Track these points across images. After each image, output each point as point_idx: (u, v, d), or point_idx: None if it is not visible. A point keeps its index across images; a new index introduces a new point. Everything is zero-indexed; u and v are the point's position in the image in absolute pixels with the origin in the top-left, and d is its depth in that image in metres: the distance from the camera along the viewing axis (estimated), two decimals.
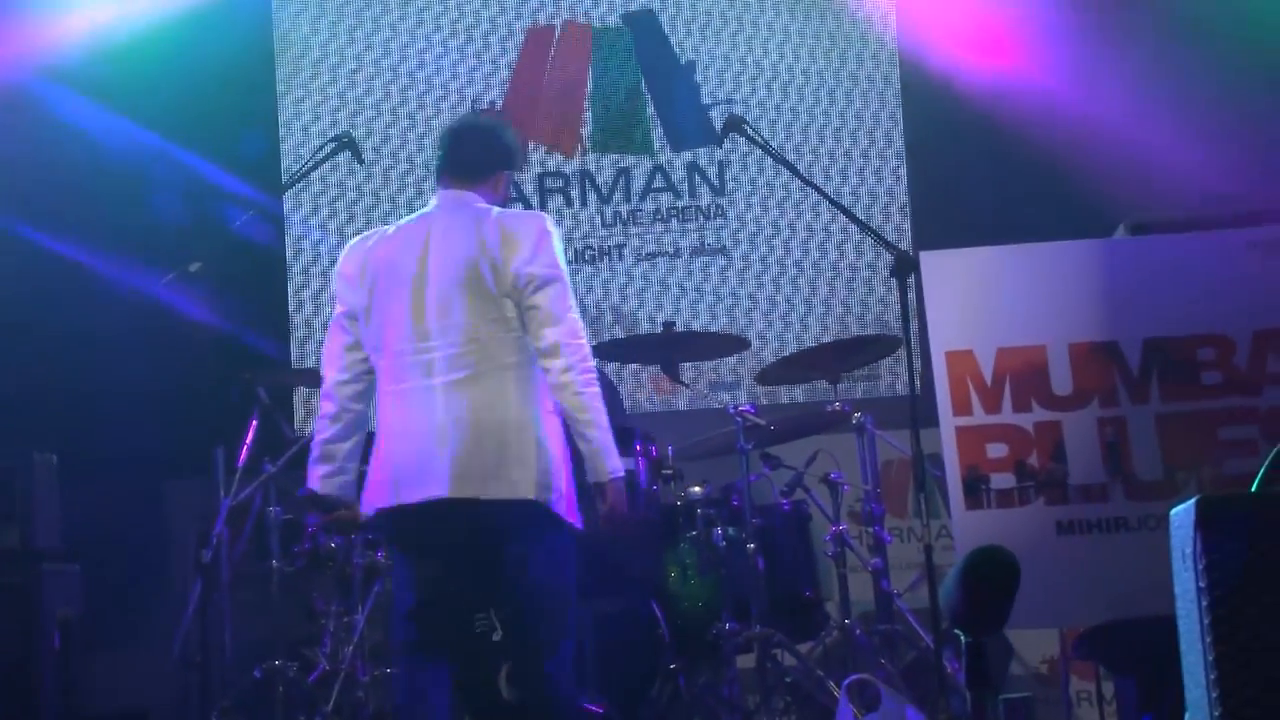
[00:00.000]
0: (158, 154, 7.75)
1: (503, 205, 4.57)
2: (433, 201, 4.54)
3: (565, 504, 4.31)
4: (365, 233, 4.66)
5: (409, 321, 4.32)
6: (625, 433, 6.19)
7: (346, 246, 4.62)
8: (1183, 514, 2.73)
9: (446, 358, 4.28)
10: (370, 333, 4.41)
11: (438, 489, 4.19)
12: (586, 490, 4.50)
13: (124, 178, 7.78)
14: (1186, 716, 2.93)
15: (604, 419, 4.36)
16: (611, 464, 4.36)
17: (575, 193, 8.42)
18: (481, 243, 4.31)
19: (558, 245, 4.38)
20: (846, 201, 5.46)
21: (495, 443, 4.22)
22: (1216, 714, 2.64)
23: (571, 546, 4.39)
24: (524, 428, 4.26)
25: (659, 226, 8.37)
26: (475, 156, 4.56)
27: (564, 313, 4.31)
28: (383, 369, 4.39)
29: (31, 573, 6.17)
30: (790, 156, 5.48)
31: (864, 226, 5.42)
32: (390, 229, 4.53)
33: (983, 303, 5.25)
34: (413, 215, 4.59)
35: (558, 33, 8.40)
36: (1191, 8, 7.49)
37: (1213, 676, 2.71)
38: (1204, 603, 2.79)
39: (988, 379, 5.17)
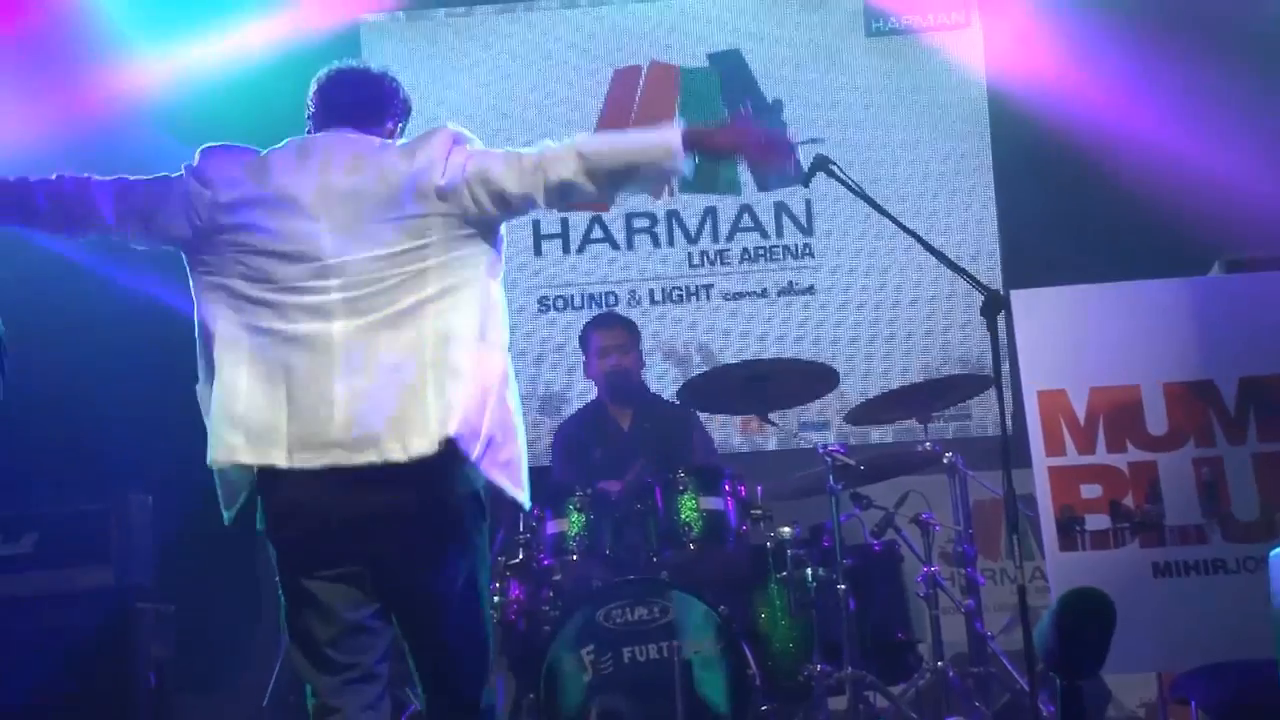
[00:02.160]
0: None
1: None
2: None
3: None
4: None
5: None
6: (715, 473, 6.21)
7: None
8: None
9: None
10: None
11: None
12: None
13: None
14: None
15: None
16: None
17: (662, 232, 8.45)
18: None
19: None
20: (935, 240, 5.45)
21: None
22: None
23: None
24: None
25: (746, 266, 8.38)
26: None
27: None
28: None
29: (125, 612, 6.20)
30: (877, 195, 5.44)
31: (953, 265, 5.39)
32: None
33: (1075, 341, 5.23)
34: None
35: (644, 73, 8.44)
36: None
37: None
38: None
39: (1081, 419, 5.16)
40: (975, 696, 5.92)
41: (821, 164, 5.46)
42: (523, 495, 3.82)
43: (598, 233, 8.42)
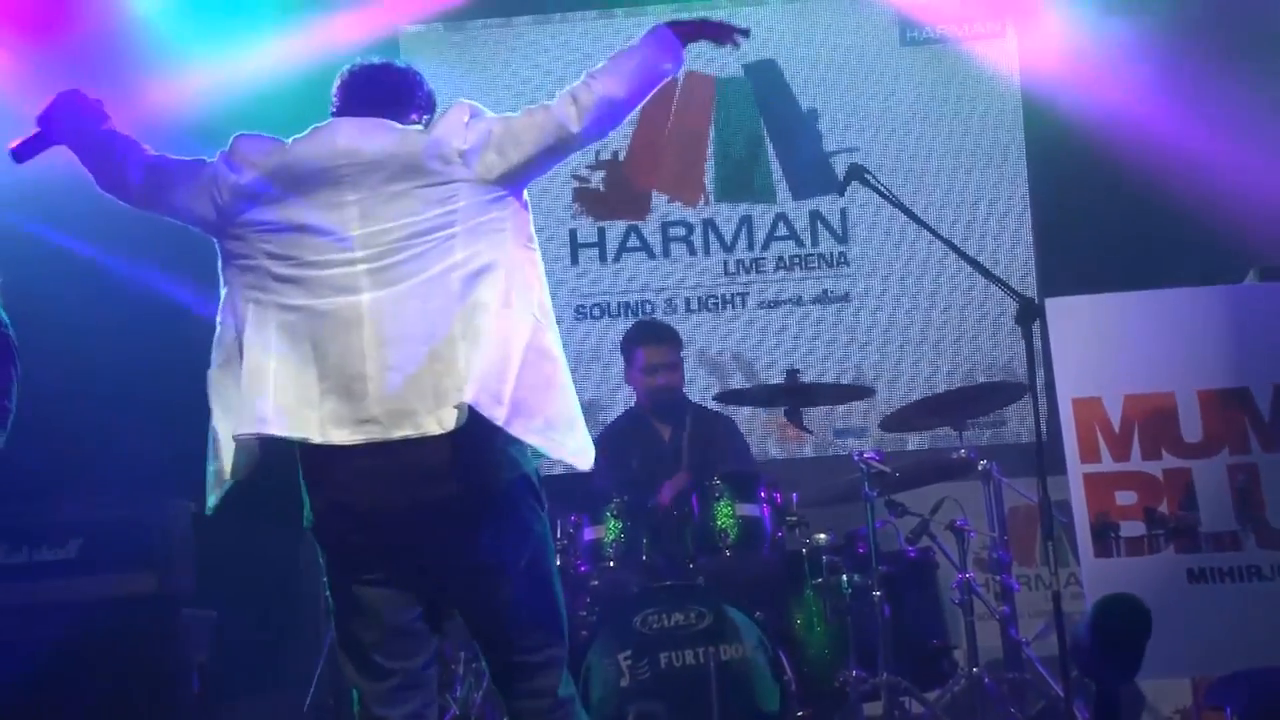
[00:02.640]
0: None
1: None
2: None
3: None
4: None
5: None
6: (751, 479, 6.23)
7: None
8: None
9: None
10: None
11: None
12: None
13: None
14: None
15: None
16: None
17: (698, 241, 8.47)
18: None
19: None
20: (970, 248, 5.46)
21: None
22: None
23: None
24: None
25: (781, 274, 8.39)
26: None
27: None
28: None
29: (168, 618, 6.23)
30: (912, 204, 5.47)
31: (988, 274, 5.40)
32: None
33: (1110, 349, 5.23)
34: None
35: (680, 83, 8.45)
36: None
37: None
38: None
39: (1115, 426, 5.15)
40: (1010, 703, 5.92)
41: (856, 173, 5.48)
42: (571, 456, 3.71)
43: (634, 241, 8.45)
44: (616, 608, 5.84)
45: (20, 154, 4.01)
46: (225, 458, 3.67)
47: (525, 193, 3.84)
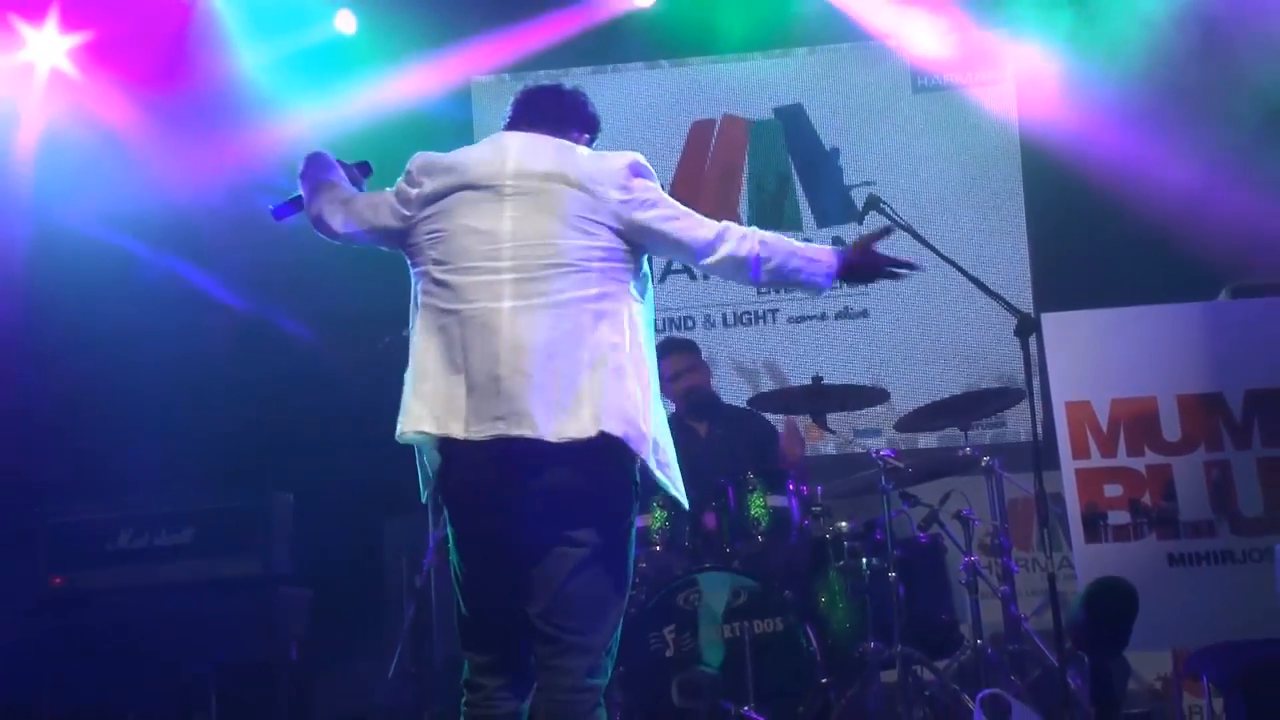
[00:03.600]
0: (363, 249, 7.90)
1: None
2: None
3: None
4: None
5: None
6: (780, 474, 6.23)
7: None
8: None
9: None
10: None
11: None
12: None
13: (340, 264, 7.96)
14: None
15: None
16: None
17: None
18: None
19: None
20: (974, 269, 5.42)
21: None
22: None
23: None
24: None
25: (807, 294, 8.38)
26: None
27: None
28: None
29: (270, 596, 6.27)
30: (923, 230, 5.44)
31: (990, 292, 5.37)
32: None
33: (1098, 358, 5.22)
34: None
35: (718, 126, 8.48)
36: None
37: None
38: None
39: (1104, 426, 5.14)
40: (1010, 671, 5.89)
41: (874, 203, 5.48)
42: (682, 496, 3.73)
43: (678, 265, 8.45)
44: (662, 587, 5.86)
45: (281, 213, 4.01)
46: (419, 462, 3.69)
47: (645, 259, 3.77)
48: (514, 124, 3.88)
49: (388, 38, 8.08)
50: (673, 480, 3.67)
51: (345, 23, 8.17)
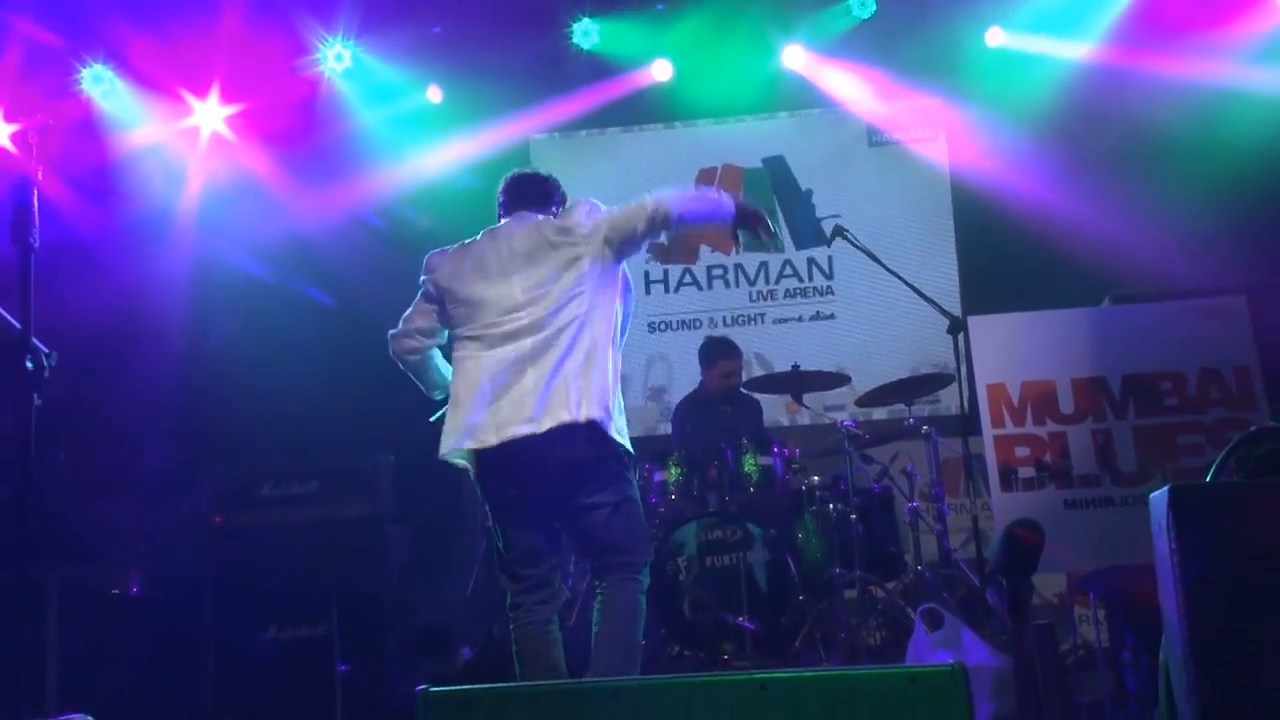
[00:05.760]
0: None
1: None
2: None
3: None
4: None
5: None
6: (767, 440, 6.25)
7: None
8: (1159, 497, 2.72)
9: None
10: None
11: None
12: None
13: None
14: (1163, 634, 2.88)
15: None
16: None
17: (731, 278, 8.48)
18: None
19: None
20: (915, 281, 5.44)
21: None
22: (1185, 635, 2.60)
23: None
24: None
25: (788, 300, 8.39)
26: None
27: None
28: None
29: (377, 532, 6.27)
30: (876, 251, 5.46)
31: (928, 299, 5.41)
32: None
33: (1012, 350, 5.21)
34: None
35: (719, 172, 8.48)
36: (1164, 143, 7.34)
37: (1183, 606, 2.68)
38: (1175, 560, 2.76)
39: (1015, 402, 5.13)
40: (943, 590, 5.92)
41: (839, 231, 5.51)
42: (629, 449, 3.91)
43: (688, 279, 8.48)
44: (676, 527, 5.89)
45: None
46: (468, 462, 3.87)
47: (624, 263, 3.97)
48: (508, 205, 4.09)
49: (466, 106, 8.07)
50: (626, 441, 3.86)
51: (434, 94, 8.19)
